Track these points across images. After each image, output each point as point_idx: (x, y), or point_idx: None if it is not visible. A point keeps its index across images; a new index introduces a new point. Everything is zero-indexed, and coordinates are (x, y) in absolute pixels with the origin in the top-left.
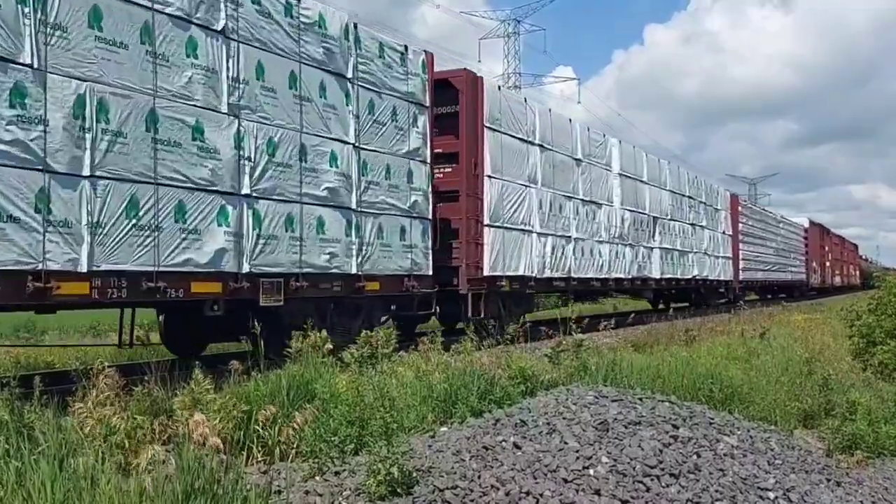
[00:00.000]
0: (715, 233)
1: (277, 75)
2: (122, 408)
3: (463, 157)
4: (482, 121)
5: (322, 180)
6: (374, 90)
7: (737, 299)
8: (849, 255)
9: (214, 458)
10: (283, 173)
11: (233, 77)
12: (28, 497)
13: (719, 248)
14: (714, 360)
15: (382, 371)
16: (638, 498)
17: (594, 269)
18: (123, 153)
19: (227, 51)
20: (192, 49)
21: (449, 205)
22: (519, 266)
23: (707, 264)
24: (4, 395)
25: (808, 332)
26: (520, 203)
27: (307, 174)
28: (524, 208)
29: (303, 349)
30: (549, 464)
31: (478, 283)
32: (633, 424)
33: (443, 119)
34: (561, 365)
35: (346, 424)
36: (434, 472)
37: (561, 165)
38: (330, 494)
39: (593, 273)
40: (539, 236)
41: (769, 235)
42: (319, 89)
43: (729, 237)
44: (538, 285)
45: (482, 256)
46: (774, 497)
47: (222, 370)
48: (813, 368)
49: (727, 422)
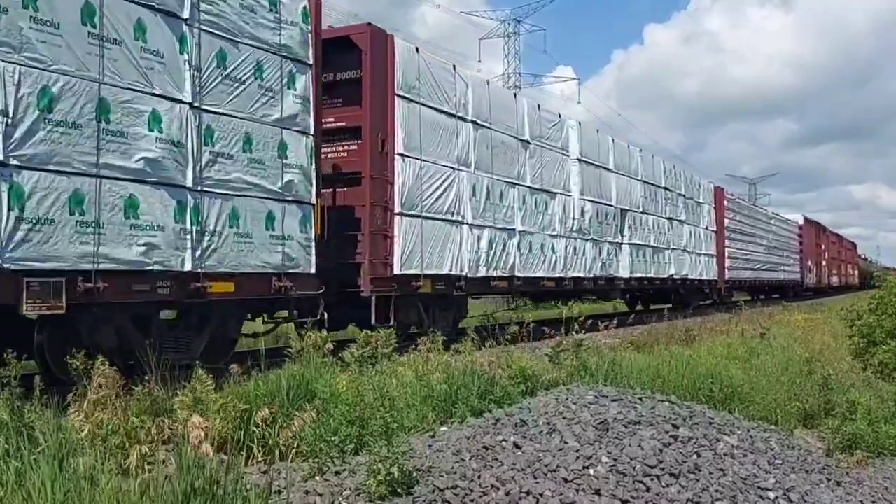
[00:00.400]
0: (697, 228)
1: (61, 3)
2: (121, 408)
3: (367, 132)
4: (393, 88)
5: (135, 148)
6: (227, 38)
7: (723, 300)
8: (847, 254)
9: (214, 459)
10: (65, 136)
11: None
12: (28, 497)
13: (702, 244)
14: (714, 359)
15: (382, 371)
16: (638, 498)
17: (545, 268)
18: None
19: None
20: None
21: (353, 189)
22: (444, 263)
23: (687, 262)
24: (4, 395)
25: (809, 332)
26: (446, 188)
27: (110, 139)
28: (452, 195)
29: (303, 349)
30: (550, 463)
31: (385, 283)
32: (633, 424)
33: (345, 86)
34: (561, 365)
35: (346, 424)
36: (434, 471)
37: (502, 147)
38: (330, 494)
39: (544, 272)
40: (472, 228)
41: (759, 232)
42: (134, 29)
43: (713, 233)
44: (471, 286)
45: (392, 251)
46: (774, 497)
47: (222, 370)
48: (813, 368)
49: (727, 421)
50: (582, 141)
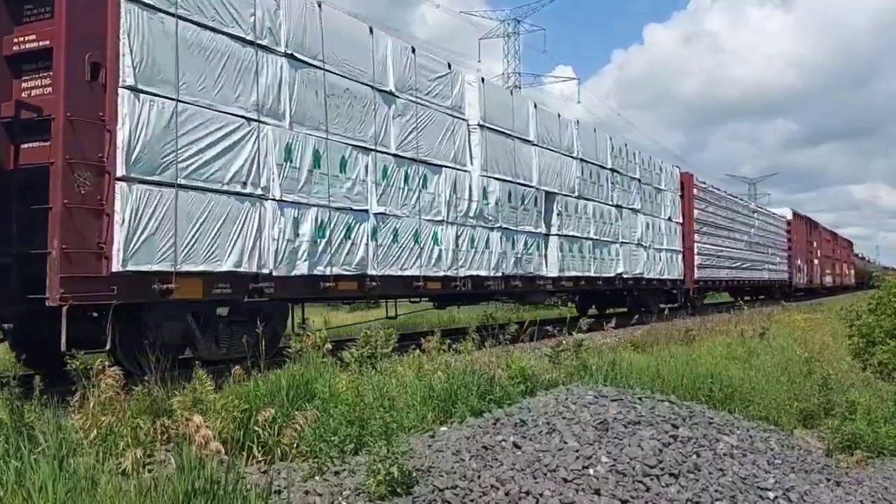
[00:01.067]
0: (656, 219)
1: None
2: (121, 408)
3: (62, 51)
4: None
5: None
6: None
7: (692, 302)
8: (842, 252)
9: (214, 458)
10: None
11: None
12: (28, 497)
13: (662, 238)
14: (714, 359)
15: (382, 371)
16: (638, 498)
17: (420, 264)
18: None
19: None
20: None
21: (43, 143)
22: (225, 255)
23: (642, 259)
24: (4, 395)
25: (808, 331)
26: (231, 148)
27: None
28: (244, 157)
29: (303, 349)
30: (549, 463)
31: (97, 285)
32: (632, 424)
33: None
34: (561, 365)
35: (345, 424)
36: (434, 471)
37: (347, 97)
38: (330, 494)
39: (418, 269)
40: (283, 206)
41: (739, 226)
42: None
43: (678, 225)
44: (283, 288)
45: (112, 236)
46: (774, 497)
47: (222, 369)
48: (813, 368)
49: (727, 421)
50: (485, 101)
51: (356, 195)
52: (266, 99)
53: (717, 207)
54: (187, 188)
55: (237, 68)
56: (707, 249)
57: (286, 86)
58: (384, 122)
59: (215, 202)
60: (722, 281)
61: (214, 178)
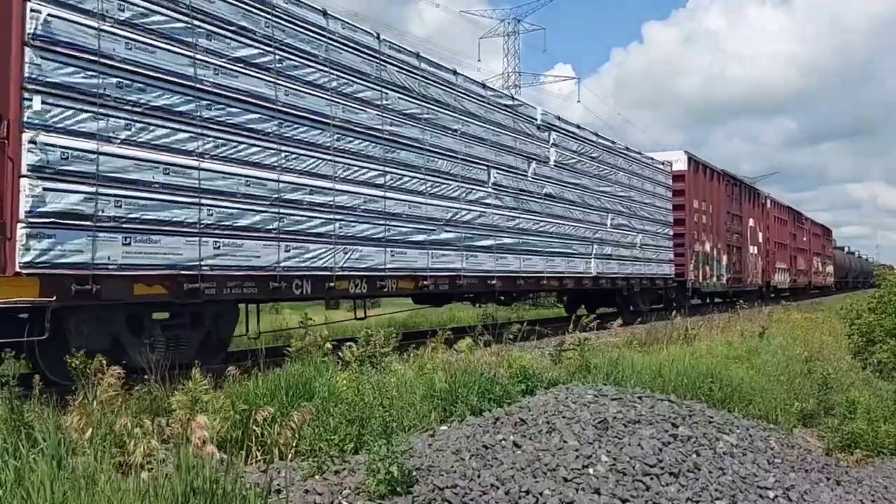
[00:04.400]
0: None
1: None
2: (120, 407)
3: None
4: None
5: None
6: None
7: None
8: (812, 241)
9: (214, 458)
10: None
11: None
12: (27, 496)
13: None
14: (714, 359)
15: (382, 369)
16: (637, 497)
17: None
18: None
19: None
20: None
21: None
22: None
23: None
24: (4, 394)
25: (808, 331)
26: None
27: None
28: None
29: (303, 348)
30: (549, 463)
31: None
32: (632, 423)
33: None
34: (562, 364)
35: (345, 423)
36: (434, 470)
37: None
38: (330, 493)
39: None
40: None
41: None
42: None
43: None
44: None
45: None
46: (774, 496)
47: (221, 369)
48: (812, 367)
49: (727, 420)
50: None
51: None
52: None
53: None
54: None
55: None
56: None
57: None
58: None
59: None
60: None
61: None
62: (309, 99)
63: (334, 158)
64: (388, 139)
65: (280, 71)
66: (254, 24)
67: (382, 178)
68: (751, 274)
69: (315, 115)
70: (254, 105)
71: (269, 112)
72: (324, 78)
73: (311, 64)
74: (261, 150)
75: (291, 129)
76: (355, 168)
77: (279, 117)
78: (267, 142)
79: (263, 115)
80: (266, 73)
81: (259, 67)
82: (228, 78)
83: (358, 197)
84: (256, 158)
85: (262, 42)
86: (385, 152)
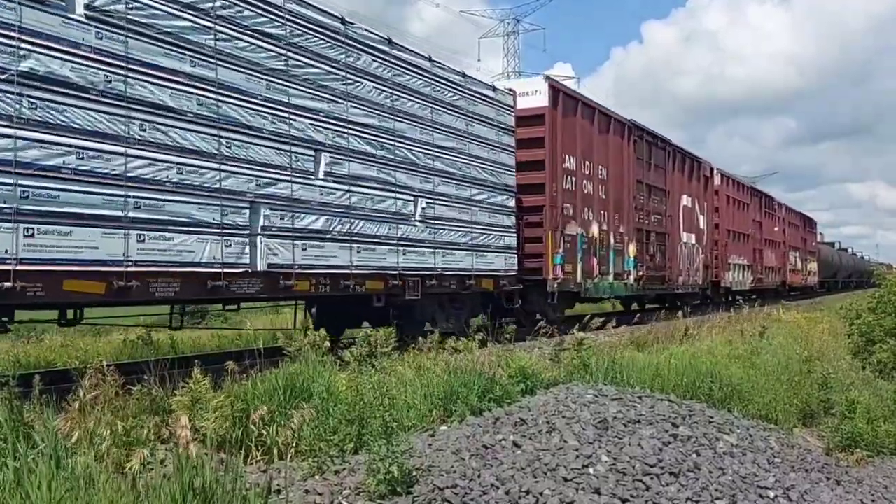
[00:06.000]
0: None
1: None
2: (120, 407)
3: None
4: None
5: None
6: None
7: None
8: (789, 232)
9: (213, 458)
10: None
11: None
12: (26, 497)
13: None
14: (714, 358)
15: (382, 369)
16: (638, 497)
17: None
18: None
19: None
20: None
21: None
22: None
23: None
24: (3, 395)
25: (808, 330)
26: None
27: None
28: None
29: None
30: (549, 462)
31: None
32: (632, 423)
33: None
34: (562, 364)
35: (345, 423)
36: (434, 470)
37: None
38: (329, 493)
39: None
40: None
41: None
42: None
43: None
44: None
45: None
46: (774, 496)
47: (221, 369)
48: (812, 367)
49: (727, 420)
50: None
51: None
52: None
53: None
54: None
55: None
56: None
57: None
58: None
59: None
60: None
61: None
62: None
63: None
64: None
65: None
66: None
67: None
68: (684, 271)
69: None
70: None
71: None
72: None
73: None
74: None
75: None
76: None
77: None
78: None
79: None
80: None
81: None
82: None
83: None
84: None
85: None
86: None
